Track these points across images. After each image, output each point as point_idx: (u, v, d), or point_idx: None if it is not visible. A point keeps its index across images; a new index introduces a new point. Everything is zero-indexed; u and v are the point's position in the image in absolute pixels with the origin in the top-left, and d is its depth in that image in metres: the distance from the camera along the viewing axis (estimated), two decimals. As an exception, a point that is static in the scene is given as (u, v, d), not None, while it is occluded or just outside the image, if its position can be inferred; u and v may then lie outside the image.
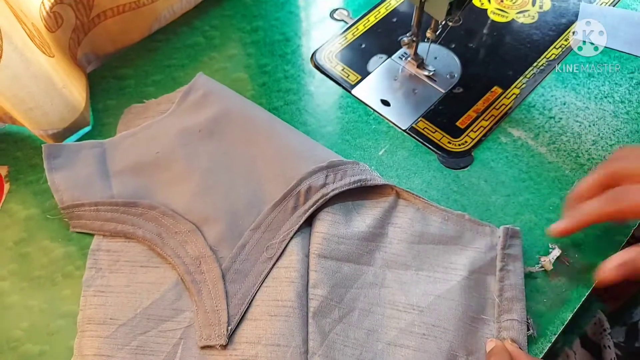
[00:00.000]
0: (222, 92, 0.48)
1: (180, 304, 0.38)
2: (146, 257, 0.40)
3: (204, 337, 0.35)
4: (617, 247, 0.39)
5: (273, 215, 0.40)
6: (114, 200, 0.42)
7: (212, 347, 0.35)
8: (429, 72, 0.50)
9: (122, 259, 0.40)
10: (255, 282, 0.38)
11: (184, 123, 0.46)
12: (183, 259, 0.39)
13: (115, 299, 0.38)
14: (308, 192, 0.40)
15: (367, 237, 0.39)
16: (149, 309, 0.37)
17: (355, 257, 0.38)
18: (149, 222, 0.41)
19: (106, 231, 0.41)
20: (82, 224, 0.42)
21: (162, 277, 0.39)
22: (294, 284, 0.36)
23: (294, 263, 0.38)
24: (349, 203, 0.41)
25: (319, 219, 0.39)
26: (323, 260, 0.37)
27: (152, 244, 0.40)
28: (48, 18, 0.44)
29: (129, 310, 0.37)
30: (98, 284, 0.39)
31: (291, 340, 0.34)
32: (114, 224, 0.41)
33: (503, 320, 0.35)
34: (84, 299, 0.38)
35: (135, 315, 0.37)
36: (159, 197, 0.42)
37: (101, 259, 0.40)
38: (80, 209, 0.42)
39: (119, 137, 0.46)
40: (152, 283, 0.39)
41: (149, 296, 0.38)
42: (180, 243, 0.40)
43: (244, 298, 0.37)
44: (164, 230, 0.40)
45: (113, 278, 0.39)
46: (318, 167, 0.40)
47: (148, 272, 0.39)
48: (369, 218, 0.40)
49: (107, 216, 0.41)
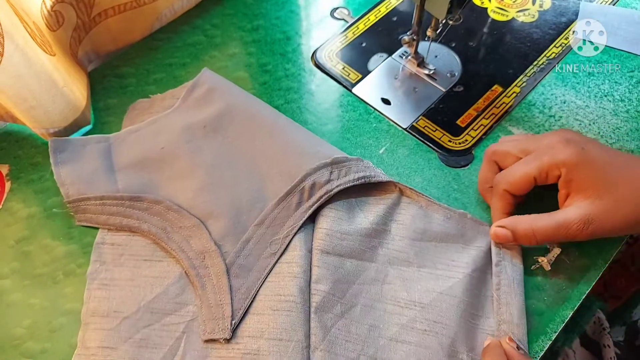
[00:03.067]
0: (227, 88, 0.48)
1: (184, 298, 0.38)
2: (150, 251, 0.40)
3: (208, 330, 0.36)
4: (617, 246, 0.39)
5: (277, 211, 0.40)
6: (119, 194, 0.42)
7: (216, 340, 0.35)
8: (430, 71, 0.50)
9: (127, 253, 0.40)
10: (258, 277, 0.38)
11: (189, 119, 0.46)
12: (187, 253, 0.39)
13: (119, 292, 0.38)
14: (312, 188, 0.40)
15: (370, 233, 0.39)
16: (152, 302, 0.38)
17: (358, 253, 0.38)
18: (154, 217, 0.41)
19: (111, 225, 0.41)
20: (88, 218, 0.42)
21: (166, 271, 0.39)
22: (297, 279, 0.37)
23: (297, 258, 0.38)
24: (353, 200, 0.41)
25: (323, 215, 0.40)
26: (326, 256, 0.37)
27: (156, 238, 0.40)
28: (49, 17, 0.44)
29: (132, 303, 0.38)
30: (102, 277, 0.39)
31: (293, 335, 0.34)
32: (119, 217, 0.41)
33: (502, 314, 0.35)
34: (88, 292, 0.38)
35: (139, 308, 0.37)
36: (164, 192, 0.43)
37: (106, 252, 0.40)
38: (85, 202, 0.42)
39: (124, 132, 0.47)
40: (156, 277, 0.39)
41: (152, 290, 0.38)
42: (184, 237, 0.40)
43: (247, 292, 0.37)
44: (168, 225, 0.41)
45: (117, 271, 0.39)
46: (322, 163, 0.41)
47: (152, 266, 0.39)
48: (372, 215, 0.40)
49: (113, 210, 0.42)
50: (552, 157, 0.35)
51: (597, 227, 0.34)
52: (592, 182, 0.34)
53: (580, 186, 0.35)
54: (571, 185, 0.35)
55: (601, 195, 0.34)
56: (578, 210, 0.34)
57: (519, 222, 0.37)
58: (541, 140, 0.37)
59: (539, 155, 0.36)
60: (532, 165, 0.36)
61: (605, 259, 0.39)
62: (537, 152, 0.37)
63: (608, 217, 0.34)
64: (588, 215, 0.34)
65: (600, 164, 0.35)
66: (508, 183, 0.37)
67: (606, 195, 0.34)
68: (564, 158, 0.35)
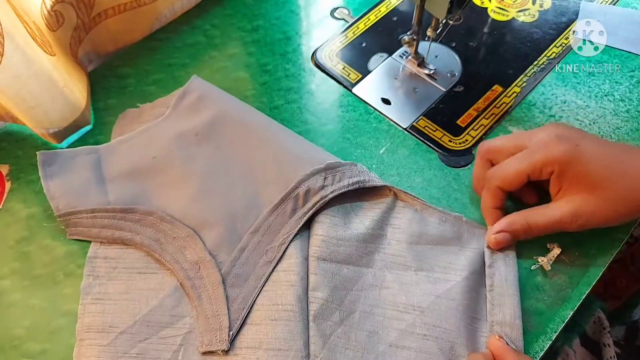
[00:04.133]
0: (218, 95, 0.48)
1: (180, 310, 0.37)
2: (144, 263, 0.40)
3: (205, 342, 0.35)
4: (617, 246, 0.39)
5: (272, 219, 0.40)
6: (110, 206, 0.41)
7: (214, 352, 0.35)
8: (430, 71, 0.50)
9: (120, 266, 0.40)
10: (255, 286, 0.37)
11: (180, 127, 0.46)
12: (182, 265, 0.39)
13: (113, 307, 0.38)
14: (307, 194, 0.40)
15: (366, 238, 0.39)
16: (148, 315, 0.37)
17: (355, 259, 0.38)
18: (147, 228, 0.40)
19: (103, 238, 0.41)
20: (79, 232, 0.41)
21: (160, 283, 0.39)
22: (294, 287, 0.36)
23: (293, 266, 0.37)
24: (348, 205, 0.41)
25: (318, 221, 0.39)
26: (322, 262, 0.37)
27: (150, 250, 0.40)
28: (49, 17, 0.44)
29: (128, 317, 0.37)
30: (96, 292, 0.38)
31: (292, 344, 0.34)
32: (111, 230, 0.41)
33: (494, 315, 0.35)
34: (82, 306, 0.38)
35: (135, 322, 0.37)
36: (156, 202, 0.42)
37: (98, 266, 0.40)
38: (76, 216, 0.41)
39: (114, 142, 0.46)
40: (150, 289, 0.38)
41: (147, 302, 0.38)
42: (178, 248, 0.39)
43: (244, 302, 0.37)
44: (162, 236, 0.40)
45: (111, 285, 0.39)
46: (316, 169, 0.40)
47: (147, 279, 0.39)
48: (367, 220, 0.40)
49: (104, 223, 0.41)
50: (545, 155, 0.36)
51: (587, 221, 0.35)
52: (584, 178, 0.35)
53: (572, 182, 0.35)
54: (563, 181, 0.36)
55: (592, 191, 0.35)
56: (569, 205, 0.36)
57: (514, 222, 0.37)
58: (535, 135, 0.37)
59: (532, 153, 0.36)
60: (525, 163, 0.36)
61: (605, 259, 0.39)
62: (530, 149, 0.37)
63: (598, 211, 0.35)
64: (577, 210, 0.35)
65: (592, 160, 0.35)
66: (501, 180, 0.38)
67: (597, 191, 0.35)
68: (557, 155, 0.35)
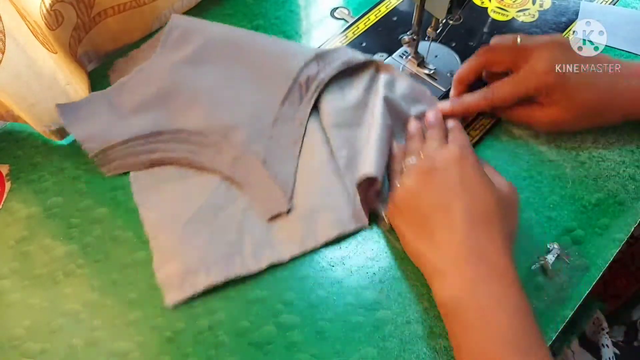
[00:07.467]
0: (201, 24, 0.51)
1: (232, 194, 0.42)
2: (184, 172, 0.44)
3: (268, 210, 0.41)
4: (617, 246, 0.39)
5: (285, 108, 0.45)
6: (141, 134, 0.44)
7: (276, 217, 0.41)
8: (430, 71, 0.50)
9: (162, 179, 0.44)
10: (293, 163, 0.43)
11: (174, 58, 0.48)
12: (222, 163, 0.43)
13: (171, 206, 0.42)
14: (307, 81, 0.46)
15: (359, 104, 0.46)
16: (207, 202, 0.42)
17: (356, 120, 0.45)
18: (180, 144, 0.44)
19: (141, 164, 0.44)
20: (117, 165, 0.44)
21: (206, 180, 0.43)
22: (322, 153, 0.44)
23: (315, 139, 0.45)
24: (342, 81, 0.47)
25: (322, 100, 0.46)
26: (336, 129, 0.44)
27: (189, 161, 0.44)
28: (48, 16, 0.44)
29: (188, 209, 0.41)
30: (152, 200, 0.43)
31: (332, 190, 0.42)
32: (147, 155, 0.44)
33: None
34: (142, 214, 0.42)
35: (198, 209, 0.42)
36: (178, 124, 0.45)
37: (142, 181, 0.44)
38: (112, 150, 0.44)
39: (117, 84, 0.48)
40: (200, 186, 0.43)
41: (202, 193, 0.42)
42: (215, 152, 0.44)
43: (287, 174, 0.43)
44: (195, 147, 0.44)
45: (162, 191, 0.43)
46: (309, 58, 0.46)
47: (193, 178, 0.44)
48: (357, 90, 0.47)
49: (139, 150, 0.44)
50: (538, 84, 0.41)
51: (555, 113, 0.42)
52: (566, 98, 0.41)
53: (554, 100, 0.41)
54: (547, 99, 0.42)
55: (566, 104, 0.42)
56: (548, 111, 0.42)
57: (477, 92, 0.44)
58: (530, 53, 0.42)
59: (526, 79, 0.42)
60: (521, 88, 0.42)
61: (605, 259, 0.39)
62: (525, 75, 0.42)
63: (565, 114, 0.42)
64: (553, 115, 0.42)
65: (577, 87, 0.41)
66: (500, 99, 0.43)
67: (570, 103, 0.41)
68: (549, 84, 0.41)
